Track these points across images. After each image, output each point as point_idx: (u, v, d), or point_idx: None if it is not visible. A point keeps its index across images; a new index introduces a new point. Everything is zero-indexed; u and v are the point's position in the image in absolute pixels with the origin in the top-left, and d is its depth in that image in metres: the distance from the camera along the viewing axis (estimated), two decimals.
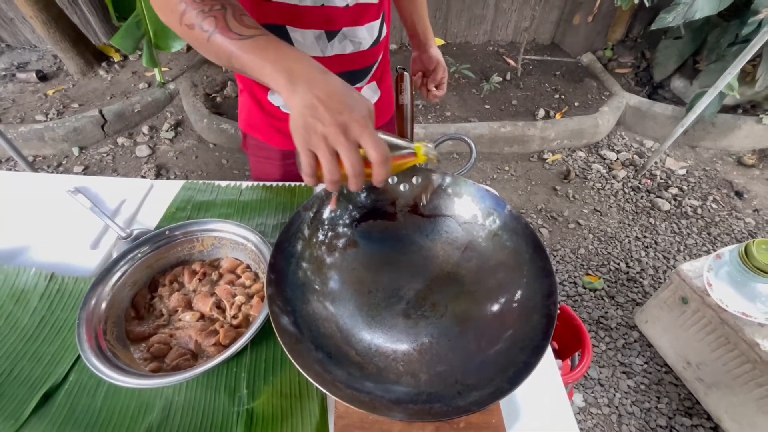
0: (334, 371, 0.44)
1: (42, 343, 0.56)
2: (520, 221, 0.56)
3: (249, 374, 0.54)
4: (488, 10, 2.84)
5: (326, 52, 0.70)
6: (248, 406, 0.51)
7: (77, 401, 0.51)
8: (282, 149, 0.88)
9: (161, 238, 0.63)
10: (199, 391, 0.52)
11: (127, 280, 0.60)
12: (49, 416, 0.49)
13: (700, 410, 1.32)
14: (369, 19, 0.71)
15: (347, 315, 0.55)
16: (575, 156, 2.32)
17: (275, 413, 0.50)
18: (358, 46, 0.72)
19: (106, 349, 0.51)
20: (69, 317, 0.59)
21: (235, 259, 0.67)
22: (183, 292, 0.62)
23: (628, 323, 1.56)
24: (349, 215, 0.61)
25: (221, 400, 0.51)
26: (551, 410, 0.53)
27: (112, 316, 0.56)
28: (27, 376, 0.52)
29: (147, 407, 0.51)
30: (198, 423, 0.50)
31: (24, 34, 2.85)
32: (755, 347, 1.07)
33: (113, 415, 0.50)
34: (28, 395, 0.51)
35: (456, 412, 0.41)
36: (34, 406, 0.50)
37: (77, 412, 0.50)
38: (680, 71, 2.43)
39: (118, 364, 0.49)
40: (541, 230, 1.92)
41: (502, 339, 0.49)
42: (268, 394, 0.52)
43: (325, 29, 0.67)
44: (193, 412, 0.50)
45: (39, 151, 2.26)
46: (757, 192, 2.10)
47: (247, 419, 0.50)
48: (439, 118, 2.39)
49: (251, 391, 0.52)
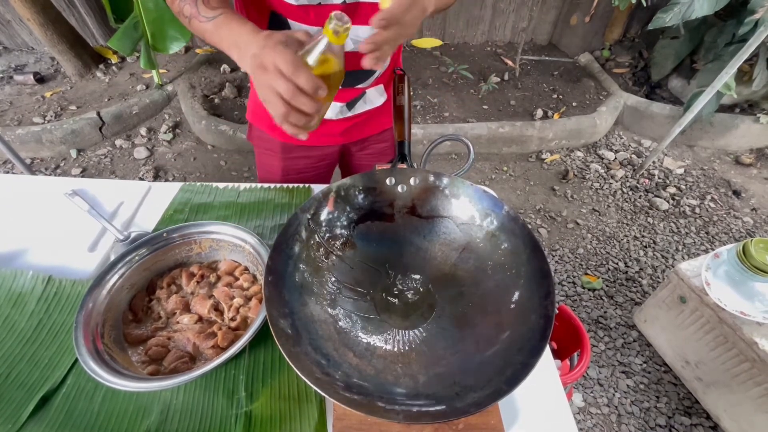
0: (332, 373, 0.44)
1: (39, 346, 0.56)
2: (518, 222, 0.56)
3: (247, 376, 0.54)
4: (486, 10, 2.84)
5: None
6: (247, 408, 0.51)
7: (75, 404, 0.51)
8: (283, 141, 0.89)
9: (159, 241, 0.63)
10: (197, 394, 0.52)
11: (125, 283, 0.59)
12: (47, 419, 0.49)
13: (699, 409, 1.32)
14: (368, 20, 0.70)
15: (345, 317, 0.55)
16: (573, 156, 2.32)
17: (274, 415, 0.50)
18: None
19: (104, 352, 0.50)
20: (66, 320, 0.59)
21: (234, 261, 0.67)
22: (181, 295, 0.62)
23: (627, 323, 1.56)
24: (347, 217, 0.61)
25: (219, 402, 0.51)
26: (550, 411, 0.54)
27: (110, 319, 0.56)
28: (24, 380, 0.52)
29: (145, 410, 0.51)
30: (196, 426, 0.49)
31: (21, 36, 2.84)
32: (753, 346, 1.07)
33: (111, 418, 0.50)
34: (25, 398, 0.50)
35: (454, 413, 0.41)
36: (31, 410, 0.49)
37: (75, 416, 0.50)
38: (677, 71, 2.43)
39: (116, 367, 0.49)
40: (539, 230, 1.92)
41: (500, 340, 0.49)
42: (266, 396, 0.52)
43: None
44: (191, 414, 0.50)
45: (37, 154, 2.25)
46: (754, 191, 2.11)
47: (246, 422, 0.50)
48: (437, 119, 2.39)
49: (249, 393, 0.52)
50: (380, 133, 0.95)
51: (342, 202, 0.61)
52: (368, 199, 0.62)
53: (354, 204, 0.62)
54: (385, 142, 0.98)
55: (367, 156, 0.99)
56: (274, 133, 0.88)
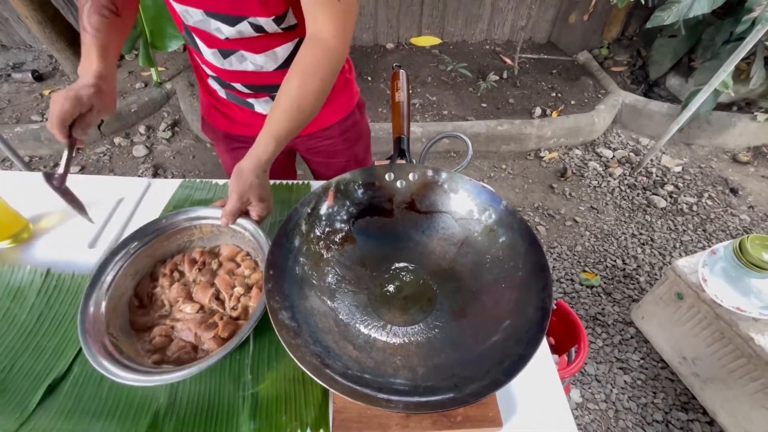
0: (332, 365, 0.45)
1: (42, 337, 0.57)
2: (516, 216, 0.57)
3: (253, 361, 0.55)
4: (485, 9, 2.84)
5: (225, 66, 0.72)
6: (253, 390, 0.53)
7: (83, 391, 0.52)
8: (224, 131, 0.89)
9: (160, 227, 0.64)
10: (204, 379, 0.53)
11: (128, 270, 0.60)
12: (56, 406, 0.50)
13: (696, 405, 1.33)
14: (269, 48, 0.69)
15: (345, 310, 0.56)
16: (572, 154, 2.33)
17: (279, 397, 0.52)
18: (260, 68, 0.72)
19: (109, 344, 0.51)
20: (68, 311, 0.60)
21: (235, 246, 0.67)
22: (183, 283, 0.62)
23: (625, 319, 1.57)
24: (347, 211, 0.62)
25: (226, 386, 0.53)
26: (548, 404, 0.54)
27: (116, 307, 0.57)
28: (30, 370, 0.53)
29: (153, 395, 0.52)
30: (205, 408, 0.51)
31: (19, 34, 2.83)
32: (749, 342, 1.08)
33: (120, 403, 0.51)
34: (32, 388, 0.51)
35: (453, 403, 0.42)
36: (40, 398, 0.50)
37: (84, 402, 0.51)
38: (675, 69, 2.44)
39: (121, 359, 0.50)
40: (538, 228, 1.93)
41: (498, 332, 0.49)
42: (272, 378, 0.54)
43: (218, 47, 0.69)
44: (199, 398, 0.52)
45: (35, 152, 2.25)
46: (751, 189, 2.12)
47: (253, 403, 0.51)
48: (436, 117, 2.39)
49: (255, 376, 0.54)
50: (324, 130, 0.90)
51: (341, 197, 0.61)
52: (367, 194, 0.63)
53: (353, 199, 0.62)
54: (330, 139, 0.92)
55: (316, 153, 0.96)
56: (217, 123, 0.89)
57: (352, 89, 0.91)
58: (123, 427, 0.49)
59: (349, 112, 0.91)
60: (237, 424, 0.50)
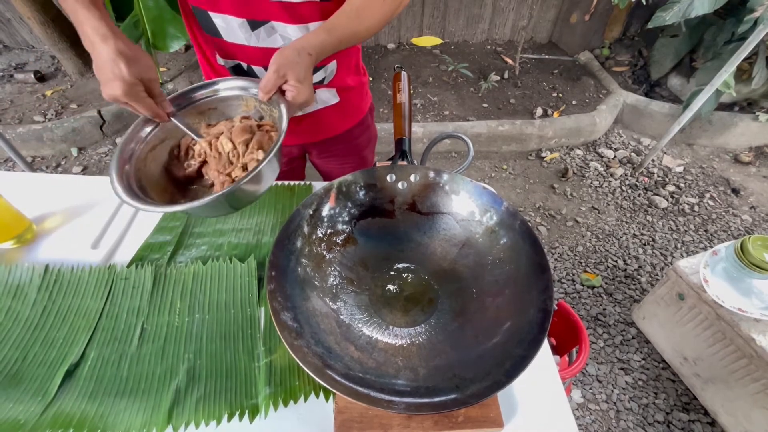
0: (334, 366, 0.45)
1: (50, 329, 0.58)
2: (517, 218, 0.57)
3: (265, 334, 0.59)
4: (486, 9, 2.84)
5: (251, 42, 0.69)
6: (267, 360, 0.56)
7: (103, 374, 0.54)
8: None
9: (210, 89, 0.65)
10: (219, 355, 0.56)
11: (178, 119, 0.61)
12: (78, 390, 0.52)
13: (697, 405, 1.33)
14: (306, 20, 0.67)
15: (346, 311, 0.56)
16: (573, 154, 2.33)
17: (292, 364, 0.56)
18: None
19: (134, 183, 0.55)
20: (72, 303, 0.61)
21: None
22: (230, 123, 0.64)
23: (626, 320, 1.57)
24: (348, 213, 0.62)
25: (241, 359, 0.56)
26: (549, 404, 0.54)
27: (155, 147, 0.62)
28: (43, 359, 0.55)
29: (172, 371, 0.54)
30: (223, 380, 0.54)
31: (22, 35, 2.84)
32: (751, 342, 1.08)
33: (141, 381, 0.53)
34: (49, 374, 0.53)
35: (454, 404, 0.42)
36: (59, 383, 0.52)
37: (105, 383, 0.53)
38: (677, 69, 2.44)
39: (140, 194, 0.53)
40: (539, 228, 1.93)
41: (499, 333, 0.50)
42: (283, 349, 0.57)
43: (247, 18, 0.66)
44: (216, 372, 0.55)
45: (38, 152, 2.25)
46: (753, 189, 2.12)
47: (267, 371, 0.55)
48: (437, 117, 2.40)
49: (268, 348, 0.57)
50: (338, 136, 0.91)
51: (343, 198, 0.62)
52: (369, 195, 0.63)
53: (355, 200, 0.62)
54: (344, 143, 0.94)
55: (330, 160, 0.97)
56: None
57: (367, 93, 0.92)
58: (147, 403, 0.51)
59: (362, 117, 0.92)
60: (255, 391, 0.53)
